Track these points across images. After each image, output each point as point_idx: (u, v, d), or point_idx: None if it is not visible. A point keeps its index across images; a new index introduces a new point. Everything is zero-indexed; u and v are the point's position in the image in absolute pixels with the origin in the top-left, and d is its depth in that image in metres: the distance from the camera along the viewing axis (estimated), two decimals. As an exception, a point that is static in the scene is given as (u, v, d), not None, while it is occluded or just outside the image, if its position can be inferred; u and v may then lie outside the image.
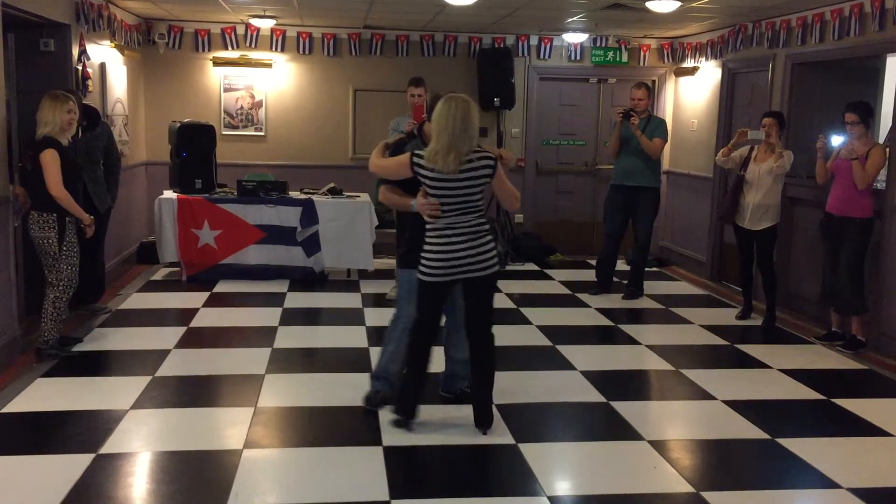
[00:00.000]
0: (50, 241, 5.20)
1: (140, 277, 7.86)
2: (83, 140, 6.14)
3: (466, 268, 4.11)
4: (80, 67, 6.73)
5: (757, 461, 4.14)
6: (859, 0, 6.26)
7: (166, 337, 5.90)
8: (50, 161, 5.12)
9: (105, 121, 6.58)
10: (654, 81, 9.59)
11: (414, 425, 4.28)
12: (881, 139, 6.84)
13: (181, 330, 6.12)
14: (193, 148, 7.87)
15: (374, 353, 5.64)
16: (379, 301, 7.21)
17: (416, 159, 4.11)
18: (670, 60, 9.61)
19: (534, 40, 9.37)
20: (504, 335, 4.93)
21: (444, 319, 4.47)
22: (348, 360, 5.53)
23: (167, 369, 5.21)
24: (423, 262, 4.15)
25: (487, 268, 4.15)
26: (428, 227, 4.15)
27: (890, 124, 6.22)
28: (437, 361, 4.58)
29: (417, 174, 4.11)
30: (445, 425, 4.39)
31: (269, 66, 9.10)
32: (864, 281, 5.99)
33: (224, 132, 9.05)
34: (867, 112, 5.92)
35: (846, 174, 5.89)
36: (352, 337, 6.10)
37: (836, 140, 6.10)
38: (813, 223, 6.50)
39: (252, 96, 9.17)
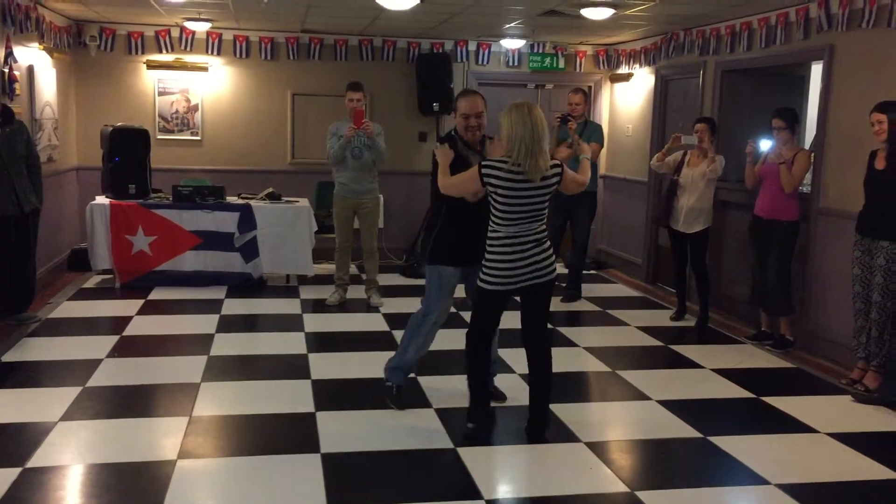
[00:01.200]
0: None
1: (71, 285, 7.65)
2: (2, 136, 5.94)
3: (531, 275, 4.14)
4: (6, 70, 6.53)
5: (690, 460, 4.24)
6: (785, 9, 6.46)
7: (98, 346, 5.76)
8: None
9: (20, 120, 6.38)
10: (590, 87, 9.73)
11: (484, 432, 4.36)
12: (807, 144, 7.06)
13: (114, 339, 5.98)
14: (127, 152, 7.71)
15: (314, 359, 5.63)
16: (318, 307, 7.16)
17: (486, 170, 4.08)
18: (606, 67, 9.76)
19: (472, 46, 9.44)
20: (444, 338, 4.94)
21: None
22: (287, 367, 5.48)
23: (99, 379, 5.09)
24: (488, 270, 4.15)
25: (549, 273, 4.21)
26: (492, 234, 4.15)
27: (815, 130, 6.42)
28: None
29: (488, 184, 4.08)
30: (381, 430, 4.39)
31: (205, 69, 8.97)
32: (792, 282, 6.18)
33: (159, 136, 8.88)
34: (793, 118, 6.12)
35: (774, 178, 6.07)
36: (291, 343, 6.04)
37: (765, 145, 6.28)
38: (744, 226, 6.67)
39: (188, 100, 9.03)
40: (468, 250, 4.44)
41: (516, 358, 5.05)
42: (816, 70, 6.82)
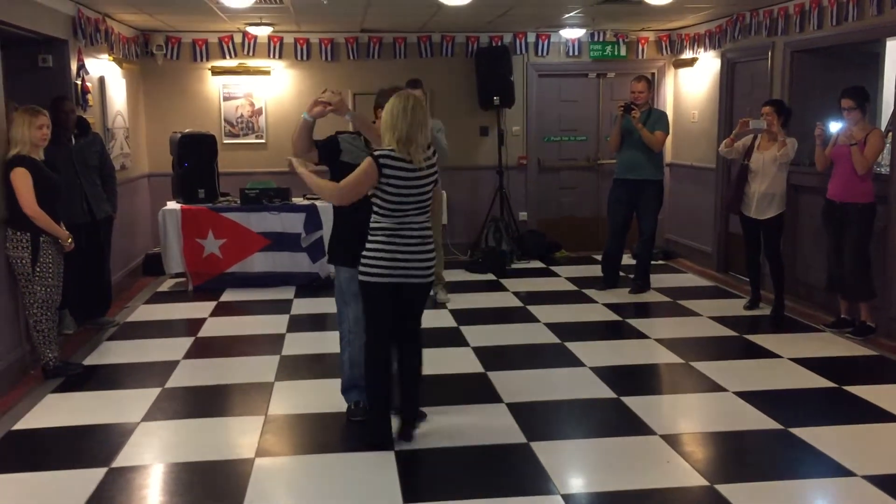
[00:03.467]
0: (23, 261, 5.11)
1: (147, 289, 7.87)
2: (77, 147, 6.13)
3: (412, 271, 3.99)
4: (79, 82, 6.74)
5: (770, 452, 4.12)
6: (856, -15, 6.25)
7: (175, 348, 5.90)
8: (19, 180, 5.02)
9: (95, 132, 6.58)
10: (653, 74, 9.57)
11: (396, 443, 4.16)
12: (883, 124, 6.81)
13: (189, 340, 6.13)
14: (195, 158, 7.88)
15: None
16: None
17: (383, 160, 3.86)
18: (669, 52, 9.58)
19: (531, 37, 9.36)
20: (512, 333, 4.95)
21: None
22: (357, 365, 5.52)
23: (176, 380, 5.21)
24: (368, 261, 3.97)
25: (430, 275, 4.10)
26: (374, 224, 3.98)
27: (892, 109, 6.19)
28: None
29: (386, 175, 3.86)
30: (453, 427, 4.39)
31: (268, 73, 9.11)
32: (871, 266, 5.97)
33: (225, 141, 9.05)
34: (863, 97, 5.90)
35: (845, 160, 5.87)
36: (360, 341, 6.09)
37: (835, 126, 6.07)
38: (818, 210, 6.47)
39: (252, 104, 9.18)
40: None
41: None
42: (892, 47, 6.58)
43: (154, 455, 4.13)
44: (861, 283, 5.94)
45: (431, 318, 6.75)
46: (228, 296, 7.55)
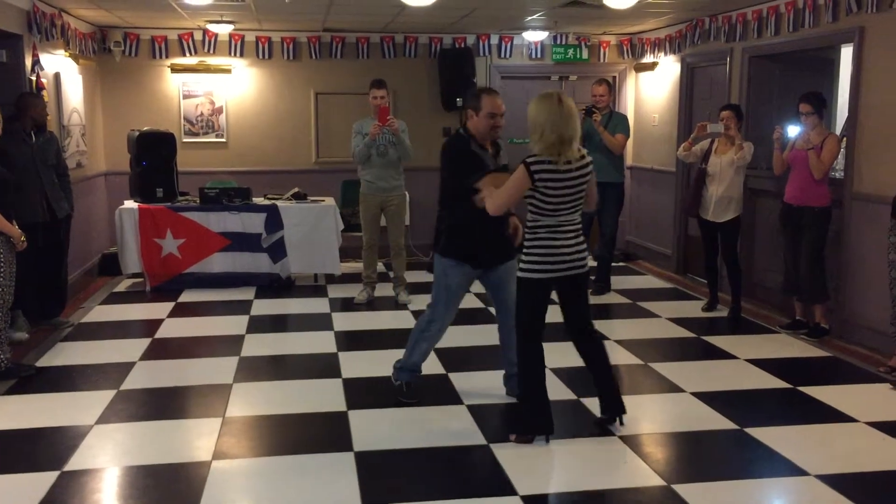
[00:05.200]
0: None
1: (103, 289, 7.73)
2: (37, 144, 6.02)
3: (570, 264, 4.10)
4: (33, 78, 6.61)
5: (726, 452, 4.18)
6: (812, -8, 6.36)
7: (131, 349, 5.81)
8: None
9: (51, 130, 6.47)
10: (614, 77, 9.65)
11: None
12: (839, 129, 6.95)
13: (146, 341, 6.03)
14: (153, 156, 7.76)
15: (344, 358, 5.63)
16: (347, 305, 7.17)
17: (535, 166, 3.95)
18: (630, 56, 9.68)
19: (494, 39, 9.39)
20: (473, 335, 4.95)
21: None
22: (317, 366, 5.48)
23: (133, 382, 5.13)
24: (532, 259, 4.07)
25: (587, 265, 4.21)
26: (533, 224, 4.08)
27: (847, 114, 6.31)
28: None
29: (539, 179, 3.96)
30: (413, 429, 4.38)
31: (229, 71, 9.01)
32: (825, 269, 6.07)
33: (184, 139, 8.94)
34: (820, 102, 6.01)
35: (802, 164, 5.98)
36: (320, 343, 6.05)
37: (793, 131, 6.18)
38: (774, 214, 6.58)
39: (212, 102, 9.07)
40: (487, 250, 4.40)
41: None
42: (846, 53, 6.70)
43: (108, 458, 4.05)
44: (816, 285, 6.05)
45: (392, 320, 6.75)
46: (187, 296, 7.46)
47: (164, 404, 4.80)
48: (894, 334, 5.19)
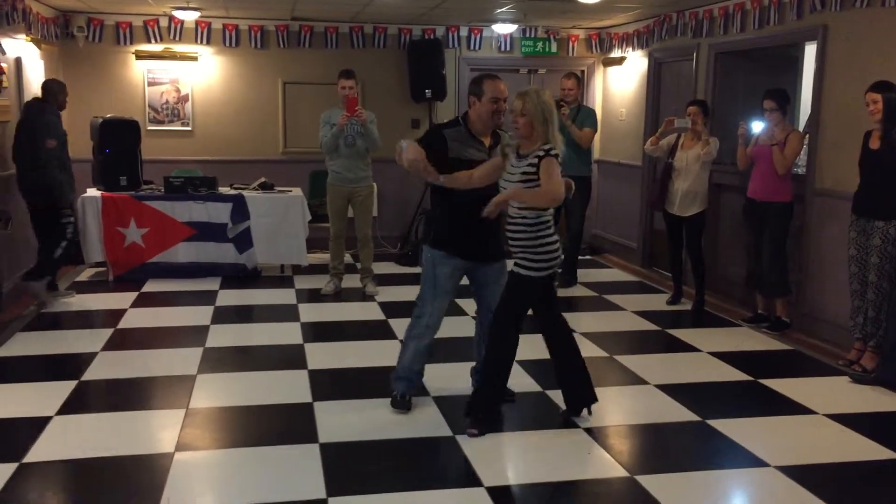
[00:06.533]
0: None
1: (64, 278, 7.60)
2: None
3: (558, 259, 4.17)
4: (-7, 62, 6.48)
5: (689, 443, 4.23)
6: (778, -10, 6.43)
7: (93, 339, 5.73)
8: None
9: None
10: (583, 71, 9.69)
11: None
12: (802, 125, 7.05)
13: (108, 332, 5.95)
14: (117, 144, 7.65)
15: (310, 349, 5.61)
16: (314, 297, 7.13)
17: (558, 157, 4.01)
18: (598, 51, 9.72)
19: (464, 31, 9.38)
20: (441, 326, 4.90)
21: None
22: (283, 358, 5.46)
23: (94, 373, 5.06)
24: (542, 257, 4.07)
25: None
26: (538, 219, 4.05)
27: (810, 111, 6.40)
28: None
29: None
30: (378, 420, 4.37)
31: (195, 59, 8.90)
32: (787, 263, 6.17)
33: (149, 127, 8.82)
34: (784, 99, 6.09)
35: (766, 160, 6.05)
36: (286, 334, 6.02)
37: (757, 126, 6.26)
38: (738, 209, 6.66)
39: (178, 90, 8.96)
40: (477, 245, 4.35)
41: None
42: (810, 51, 6.79)
43: (69, 449, 3.98)
44: (777, 279, 6.14)
45: (359, 311, 6.73)
46: (151, 286, 7.36)
47: (127, 395, 4.74)
48: (853, 328, 5.29)
